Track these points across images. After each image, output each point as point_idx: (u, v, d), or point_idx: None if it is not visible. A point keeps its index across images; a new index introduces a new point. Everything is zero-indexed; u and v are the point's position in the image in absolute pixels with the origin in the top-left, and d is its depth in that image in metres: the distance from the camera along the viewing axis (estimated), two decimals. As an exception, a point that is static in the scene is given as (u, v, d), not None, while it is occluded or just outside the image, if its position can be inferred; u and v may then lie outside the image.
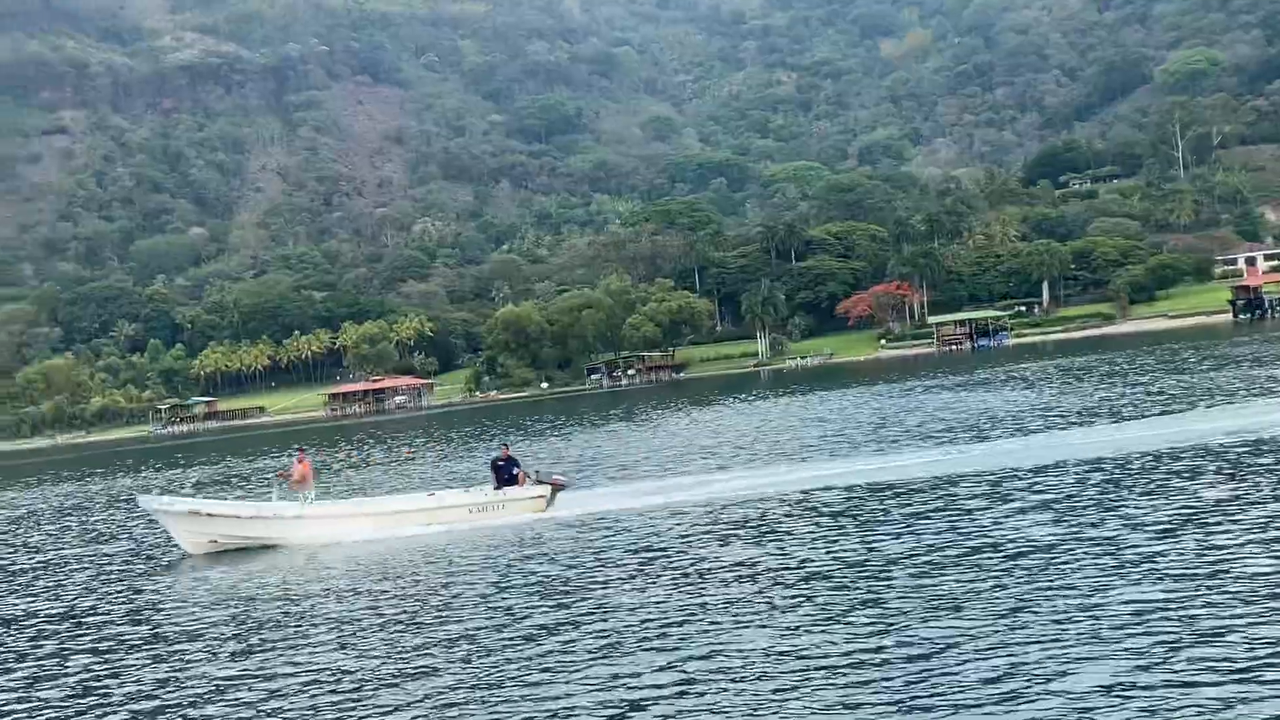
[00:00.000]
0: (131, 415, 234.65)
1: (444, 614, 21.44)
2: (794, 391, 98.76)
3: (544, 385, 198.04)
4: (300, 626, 21.70)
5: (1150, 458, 31.23)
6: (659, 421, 77.42)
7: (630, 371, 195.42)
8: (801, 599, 19.35)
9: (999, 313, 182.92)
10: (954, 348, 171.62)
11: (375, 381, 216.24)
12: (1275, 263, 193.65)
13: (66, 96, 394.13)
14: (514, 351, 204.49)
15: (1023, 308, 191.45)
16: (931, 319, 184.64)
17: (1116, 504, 24.97)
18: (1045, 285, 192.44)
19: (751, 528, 27.31)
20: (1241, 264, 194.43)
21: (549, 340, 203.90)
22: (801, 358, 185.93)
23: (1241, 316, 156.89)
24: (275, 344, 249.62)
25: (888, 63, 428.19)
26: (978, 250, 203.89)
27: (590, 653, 17.44)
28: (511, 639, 18.86)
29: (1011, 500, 26.94)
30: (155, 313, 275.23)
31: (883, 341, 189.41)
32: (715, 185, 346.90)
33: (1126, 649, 14.79)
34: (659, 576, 22.46)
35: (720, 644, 17.04)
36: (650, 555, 24.97)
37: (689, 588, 21.11)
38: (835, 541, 24.12)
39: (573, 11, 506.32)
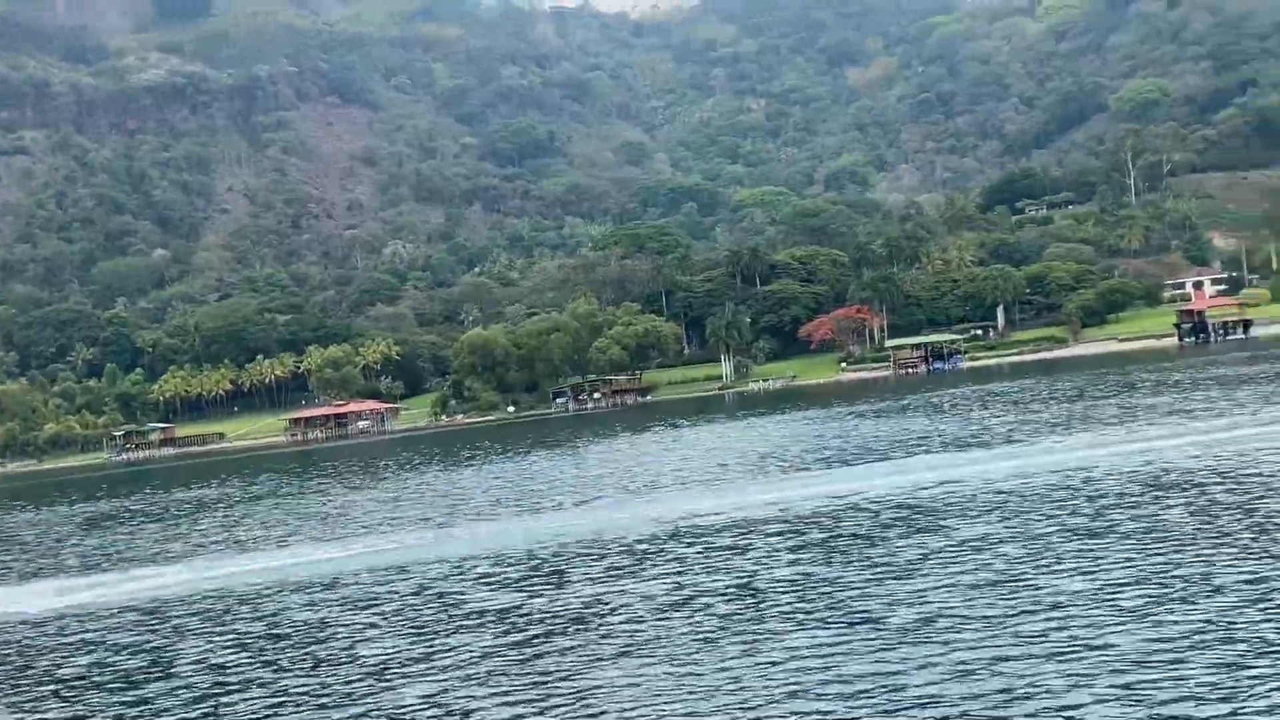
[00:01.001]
0: (86, 442, 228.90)
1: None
2: (746, 415, 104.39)
3: (510, 409, 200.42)
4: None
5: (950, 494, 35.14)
6: (579, 451, 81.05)
7: (596, 395, 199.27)
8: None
9: (954, 336, 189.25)
10: (910, 371, 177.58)
11: (338, 406, 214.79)
12: (1222, 287, 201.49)
13: (27, 116, 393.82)
14: (480, 375, 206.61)
15: (979, 331, 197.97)
16: (889, 343, 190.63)
17: (870, 545, 28.54)
18: (1000, 309, 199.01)
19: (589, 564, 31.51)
20: (1190, 288, 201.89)
21: (515, 364, 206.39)
22: (764, 380, 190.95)
23: (1187, 340, 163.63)
24: (238, 368, 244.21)
25: (854, 91, 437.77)
26: (936, 275, 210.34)
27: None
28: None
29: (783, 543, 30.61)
30: (115, 336, 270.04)
31: (843, 365, 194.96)
32: (686, 210, 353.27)
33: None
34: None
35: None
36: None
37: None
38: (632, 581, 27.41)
39: (546, 37, 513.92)
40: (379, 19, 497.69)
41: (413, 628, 25.25)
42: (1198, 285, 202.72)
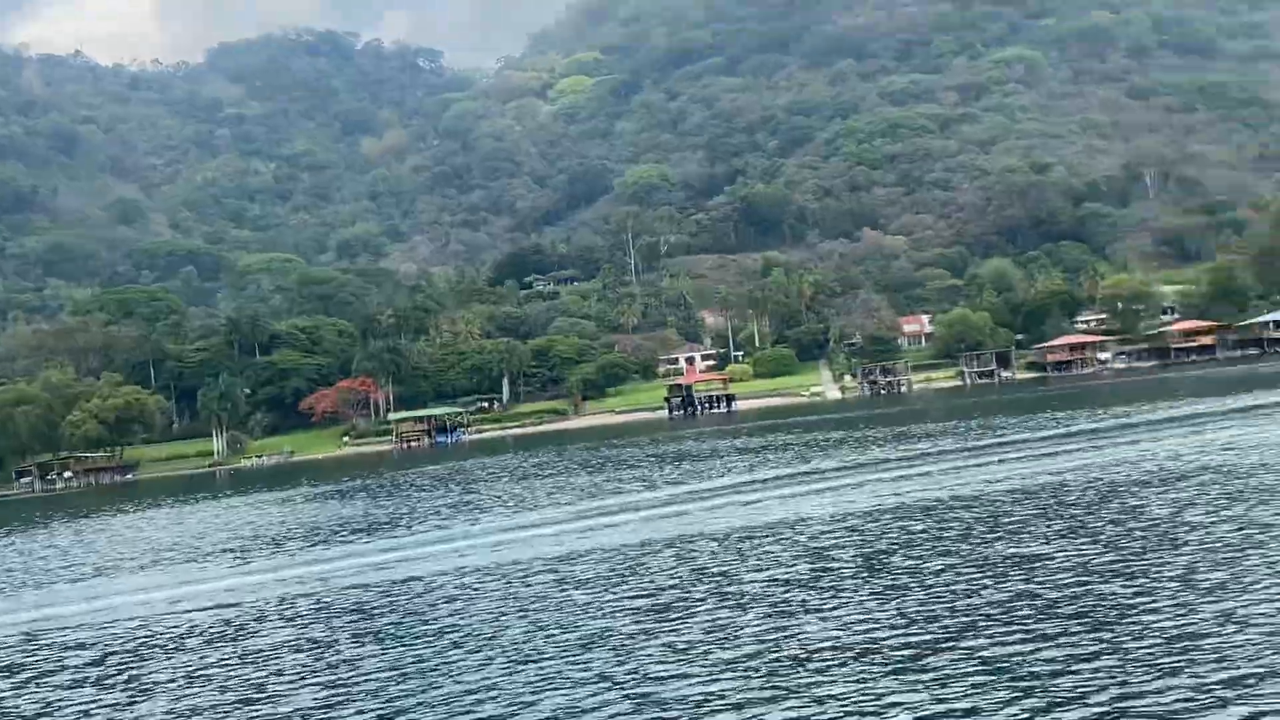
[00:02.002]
0: None
1: None
2: (206, 497, 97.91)
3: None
4: None
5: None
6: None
7: (66, 474, 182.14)
8: None
9: (459, 409, 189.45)
10: (412, 445, 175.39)
11: None
12: (711, 362, 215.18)
13: None
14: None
15: (485, 403, 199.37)
16: (392, 416, 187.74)
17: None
18: (506, 381, 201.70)
19: None
20: (682, 363, 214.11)
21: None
22: (259, 456, 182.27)
23: (676, 413, 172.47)
24: None
25: (368, 160, 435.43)
26: (444, 347, 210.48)
27: None
28: None
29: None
30: None
31: (345, 439, 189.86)
32: (185, 274, 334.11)
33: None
34: None
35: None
36: None
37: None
38: None
39: (32, 84, 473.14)
40: None
41: None
42: (689, 361, 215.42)
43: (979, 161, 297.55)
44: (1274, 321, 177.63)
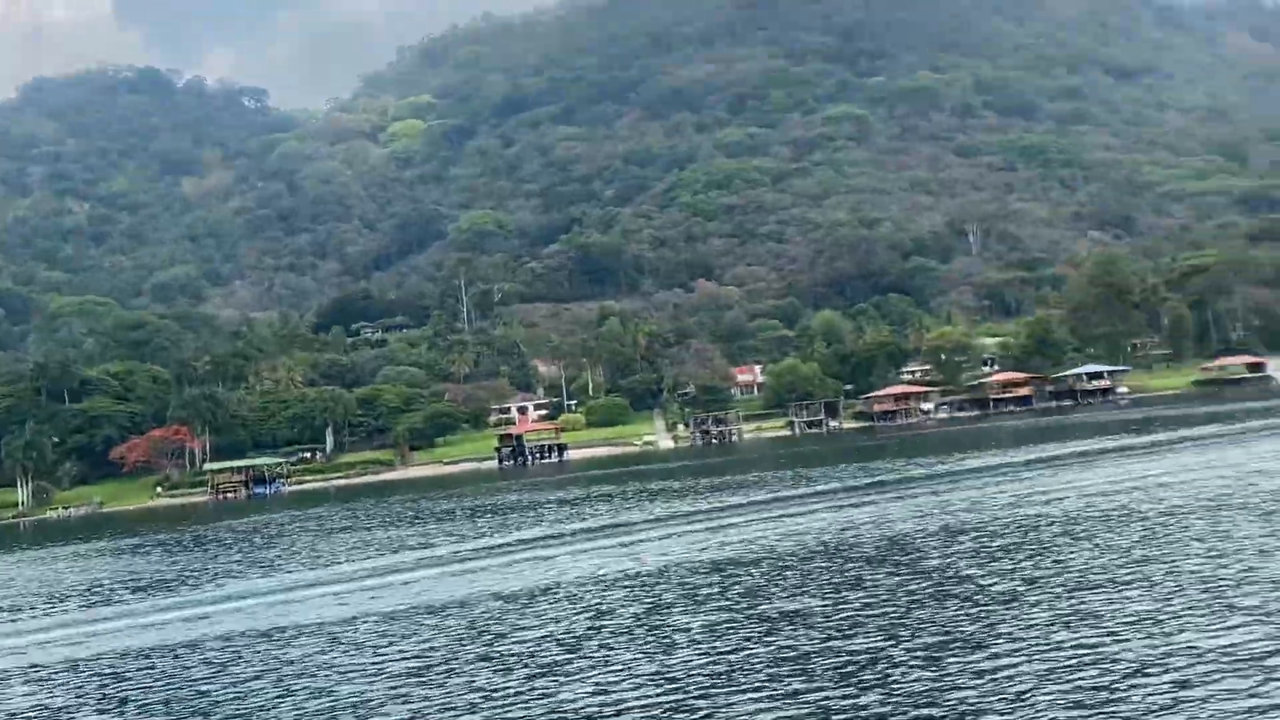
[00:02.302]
0: None
1: None
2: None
3: None
4: None
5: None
6: None
7: None
8: None
9: (278, 460, 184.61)
10: (228, 496, 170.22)
11: None
12: (544, 412, 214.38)
13: None
14: None
15: (308, 453, 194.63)
16: (208, 466, 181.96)
17: None
18: (330, 431, 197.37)
19: None
20: (514, 412, 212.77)
21: None
22: (66, 508, 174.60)
23: (506, 463, 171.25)
24: None
25: (188, 201, 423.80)
26: (264, 395, 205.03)
27: None
28: None
29: None
30: None
31: (159, 489, 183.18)
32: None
33: None
34: None
35: None
36: None
37: None
38: None
39: None
40: None
41: None
42: (521, 410, 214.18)
43: (810, 215, 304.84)
44: (1086, 374, 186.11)
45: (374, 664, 25.60)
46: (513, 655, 24.75)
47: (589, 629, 26.96)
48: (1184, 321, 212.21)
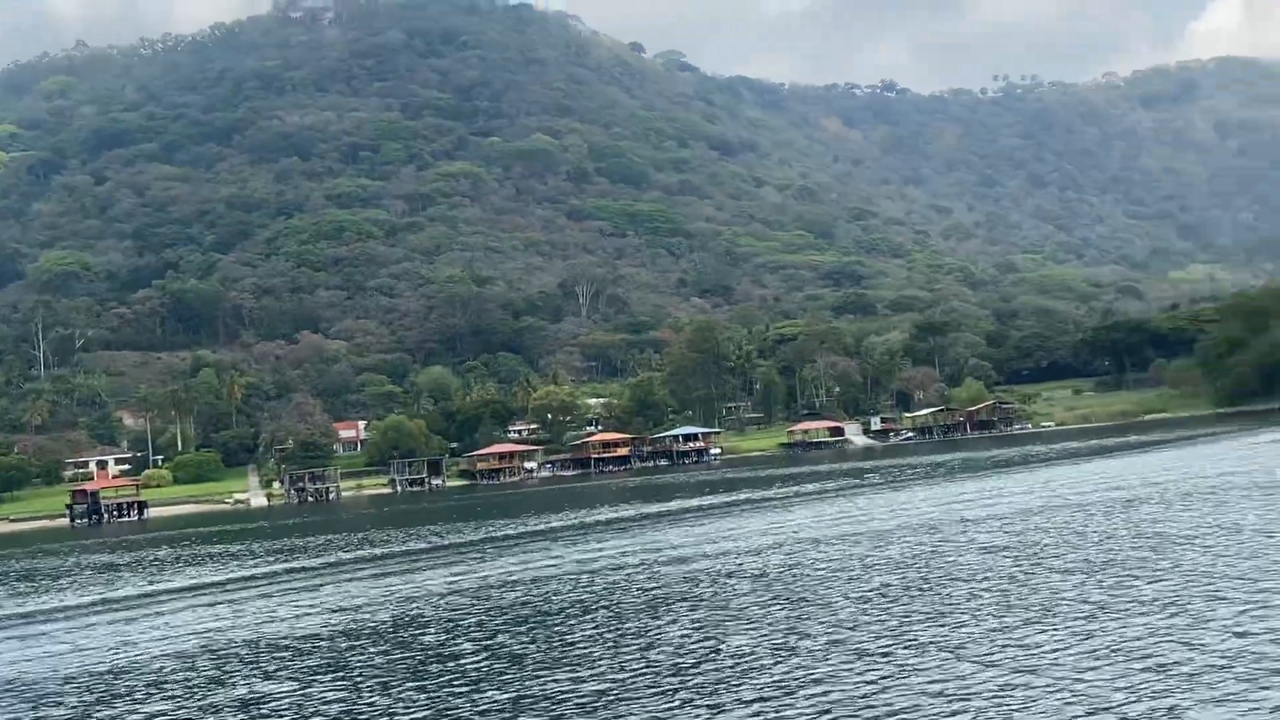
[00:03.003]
0: None
1: None
2: None
3: None
4: None
5: None
6: None
7: None
8: None
9: None
10: None
11: None
12: (127, 466, 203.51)
13: None
14: None
15: None
16: None
17: None
18: None
19: None
20: (93, 467, 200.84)
21: None
22: None
23: (79, 521, 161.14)
24: None
25: None
26: None
27: None
28: None
29: None
30: None
31: None
32: None
33: None
34: None
35: None
36: None
37: None
38: None
39: None
40: None
41: None
42: (101, 464, 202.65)
43: (423, 270, 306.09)
44: (682, 435, 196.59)
45: None
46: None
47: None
48: (774, 387, 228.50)
